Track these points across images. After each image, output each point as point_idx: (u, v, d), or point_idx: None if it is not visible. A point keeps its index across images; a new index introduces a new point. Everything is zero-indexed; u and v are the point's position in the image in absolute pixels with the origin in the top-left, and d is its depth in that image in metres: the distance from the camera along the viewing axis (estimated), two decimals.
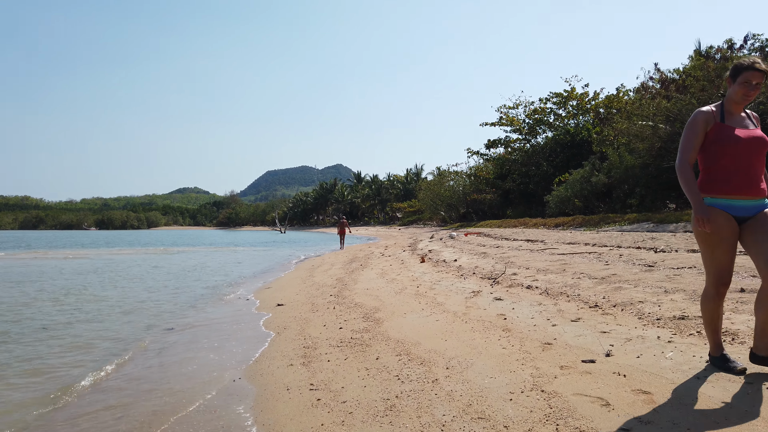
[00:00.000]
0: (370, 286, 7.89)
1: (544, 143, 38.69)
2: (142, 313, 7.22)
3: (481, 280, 7.06)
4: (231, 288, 10.04)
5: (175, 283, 11.10)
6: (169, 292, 9.65)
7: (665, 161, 22.25)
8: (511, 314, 4.77)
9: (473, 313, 5.00)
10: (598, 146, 29.62)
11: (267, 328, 5.65)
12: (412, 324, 4.89)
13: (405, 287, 7.33)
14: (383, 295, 6.83)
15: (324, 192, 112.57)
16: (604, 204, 26.91)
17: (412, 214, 71.94)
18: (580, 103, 37.69)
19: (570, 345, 3.59)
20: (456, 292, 6.35)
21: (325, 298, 7.20)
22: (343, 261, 14.21)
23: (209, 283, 10.93)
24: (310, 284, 9.32)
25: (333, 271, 11.43)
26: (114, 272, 13.66)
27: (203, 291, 9.61)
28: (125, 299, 8.60)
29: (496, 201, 42.91)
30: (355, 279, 9.11)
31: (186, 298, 8.70)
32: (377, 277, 9.13)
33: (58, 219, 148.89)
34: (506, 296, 5.65)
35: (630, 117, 24.37)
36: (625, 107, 25.99)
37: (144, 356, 4.73)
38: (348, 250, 20.29)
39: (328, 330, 5.05)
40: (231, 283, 11.10)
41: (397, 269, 9.93)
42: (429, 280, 7.80)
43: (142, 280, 11.63)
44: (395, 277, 8.78)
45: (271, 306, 7.16)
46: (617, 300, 4.70)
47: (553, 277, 6.31)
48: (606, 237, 11.63)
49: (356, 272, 10.30)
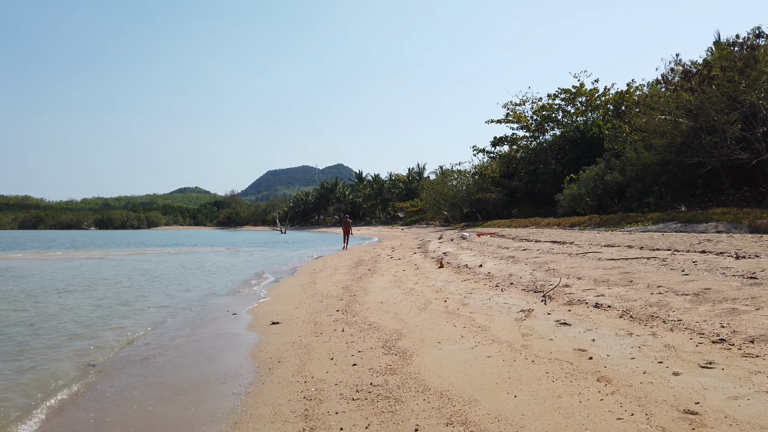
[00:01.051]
0: (385, 299, 6.53)
1: (553, 140, 37.32)
2: (84, 334, 5.83)
3: (525, 293, 5.70)
4: (218, 298, 8.68)
5: (156, 290, 9.74)
6: (142, 303, 8.28)
7: (687, 157, 20.88)
8: (596, 350, 3.41)
9: (537, 346, 3.64)
10: (610, 143, 28.26)
11: (255, 360, 4.28)
12: (453, 361, 3.53)
13: (429, 301, 5.96)
14: (404, 312, 5.47)
15: (325, 192, 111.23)
16: (618, 203, 25.55)
17: (414, 214, 70.73)
18: (590, 99, 36.27)
19: (734, 419, 2.23)
20: (499, 310, 4.99)
21: (330, 314, 5.85)
22: (348, 264, 12.86)
23: (195, 292, 9.56)
24: (311, 294, 7.96)
25: (338, 276, 10.07)
26: (82, 276, 12.29)
27: (184, 302, 8.24)
28: (68, 315, 7.22)
29: (501, 200, 41.55)
30: (365, 288, 7.75)
31: (158, 314, 7.32)
32: (391, 285, 7.76)
33: (57, 219, 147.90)
34: (572, 319, 4.28)
35: (649, 111, 23.00)
36: (643, 101, 24.58)
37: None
38: (352, 252, 18.92)
39: (338, 367, 3.70)
40: (220, 291, 9.74)
41: (413, 276, 8.57)
42: (456, 292, 6.44)
43: (114, 286, 10.25)
44: (413, 286, 7.41)
45: (265, 324, 5.80)
46: (748, 330, 3.34)
47: (623, 292, 4.95)
48: (646, 238, 10.28)
49: (365, 279, 8.94)
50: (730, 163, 20.26)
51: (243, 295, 9.01)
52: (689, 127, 21.14)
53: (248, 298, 8.50)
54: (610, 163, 26.29)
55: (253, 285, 10.50)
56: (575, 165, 34.03)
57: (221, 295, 9.17)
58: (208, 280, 11.70)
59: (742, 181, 21.01)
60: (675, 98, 21.72)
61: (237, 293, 9.27)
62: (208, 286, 10.53)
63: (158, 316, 6.98)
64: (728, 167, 20.59)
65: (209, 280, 11.70)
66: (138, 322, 6.54)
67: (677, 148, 21.64)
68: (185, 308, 7.69)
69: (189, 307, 7.76)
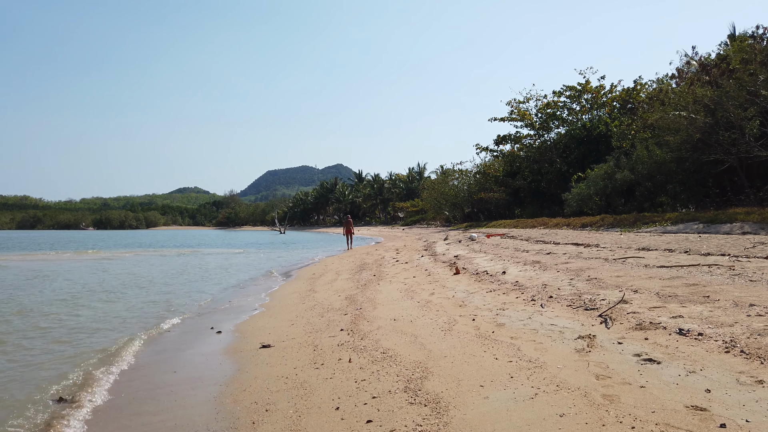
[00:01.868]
0: (398, 315, 5.47)
1: (558, 139, 36.33)
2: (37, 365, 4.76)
3: (573, 311, 4.62)
4: (204, 309, 7.61)
5: (137, 299, 8.66)
6: (109, 323, 7.21)
7: (704, 154, 19.88)
8: (721, 409, 2.34)
9: (628, 399, 2.57)
10: (618, 141, 27.26)
11: (236, 404, 3.22)
12: (511, 422, 2.48)
13: (453, 319, 4.89)
14: (424, 335, 4.42)
15: (324, 191, 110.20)
16: (626, 203, 24.57)
17: (414, 214, 69.89)
18: (596, 96, 35.23)
19: None
20: (548, 335, 3.93)
21: (333, 335, 4.80)
22: (351, 268, 11.80)
23: (178, 301, 8.48)
24: (311, 305, 6.91)
25: (340, 283, 9.02)
26: (49, 281, 11.21)
27: (154, 318, 7.15)
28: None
29: (503, 200, 40.56)
30: (372, 299, 6.69)
31: (116, 331, 6.25)
32: (402, 296, 6.70)
33: (55, 219, 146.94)
34: (656, 352, 3.21)
35: (661, 107, 21.97)
36: (657, 96, 23.54)
37: None
38: (353, 254, 17.87)
39: (347, 424, 2.66)
40: (206, 300, 8.67)
41: (426, 284, 7.51)
42: (484, 306, 5.38)
43: (86, 296, 9.17)
44: (429, 297, 6.35)
45: (253, 347, 4.75)
46: None
47: (705, 312, 3.88)
48: (680, 240, 9.24)
49: (371, 287, 7.88)
50: (749, 161, 19.28)
51: (233, 306, 7.95)
52: (706, 122, 20.15)
53: (238, 310, 7.44)
54: (620, 161, 25.30)
55: (246, 293, 9.44)
56: (581, 164, 33.08)
57: (208, 305, 8.11)
58: (198, 287, 10.64)
59: (760, 179, 20.02)
60: (691, 93, 20.72)
61: (225, 304, 8.21)
62: (196, 295, 9.47)
63: (131, 331, 5.92)
64: (747, 165, 19.61)
65: (199, 287, 10.64)
66: (100, 342, 5.48)
67: (693, 145, 20.65)
68: (164, 322, 6.65)
69: (170, 323, 6.72)
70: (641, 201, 23.84)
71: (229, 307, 7.79)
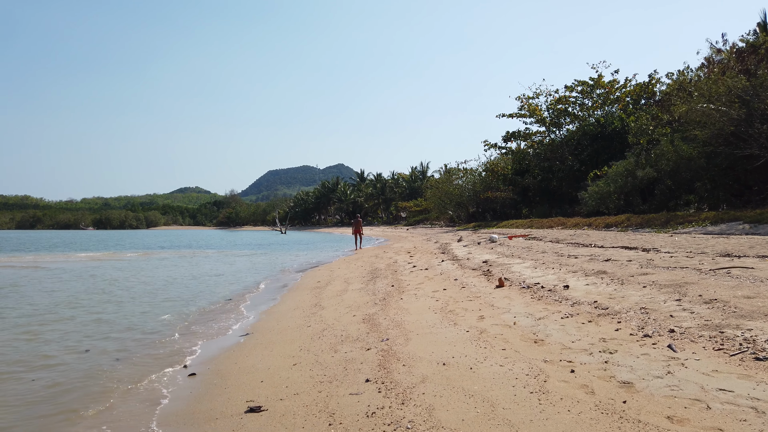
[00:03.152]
0: (446, 354, 3.90)
1: (570, 135, 34.77)
2: None
3: (734, 359, 2.99)
4: (183, 332, 6.11)
5: (109, 314, 7.17)
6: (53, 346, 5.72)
7: (738, 149, 18.38)
8: None
9: None
10: (635, 137, 25.75)
11: None
12: None
13: (539, 371, 3.28)
14: (504, 400, 2.86)
15: (326, 191, 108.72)
16: (645, 201, 23.10)
17: (418, 214, 68.66)
18: (609, 91, 33.65)
19: None
20: (731, 415, 2.38)
21: (355, 390, 3.30)
22: (361, 275, 10.32)
23: (155, 315, 7.00)
24: (318, 329, 5.44)
25: (352, 295, 7.53)
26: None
27: (131, 338, 5.66)
28: None
29: (509, 200, 39.05)
30: (400, 322, 5.19)
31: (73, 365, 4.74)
32: (440, 319, 5.19)
33: (55, 218, 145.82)
34: None
35: (692, 98, 20.46)
36: (685, 87, 22.01)
37: None
38: (361, 256, 16.39)
39: None
40: (189, 316, 7.17)
41: (465, 300, 6.00)
42: (571, 344, 3.76)
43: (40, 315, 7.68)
44: (479, 323, 4.81)
45: (235, 410, 3.26)
46: None
47: None
48: (759, 243, 7.74)
49: (393, 302, 6.38)
50: None
51: (217, 325, 6.46)
52: (740, 114, 18.63)
53: (221, 333, 5.94)
54: (641, 157, 23.78)
55: (237, 307, 7.94)
56: (594, 161, 31.64)
57: (187, 323, 6.61)
58: (183, 297, 9.15)
59: None
60: (723, 83, 19.16)
61: (210, 322, 6.70)
62: (180, 306, 7.98)
63: (69, 362, 4.43)
64: None
65: (184, 297, 9.15)
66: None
67: (725, 139, 19.16)
68: (122, 350, 5.16)
69: (126, 349, 5.23)
70: (662, 199, 22.39)
71: (214, 330, 6.29)
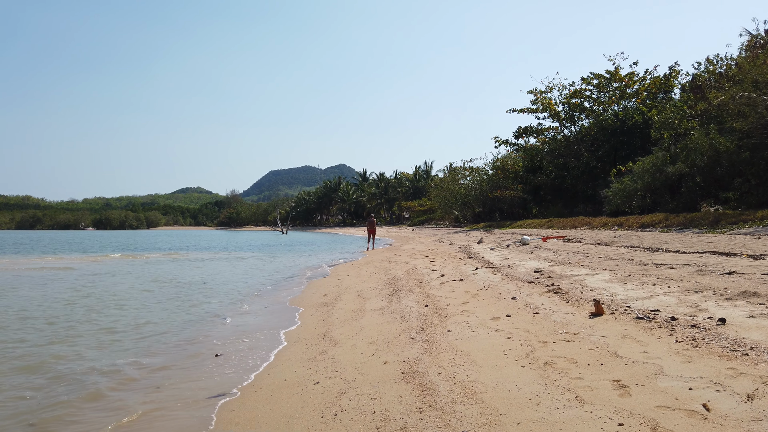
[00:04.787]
0: None
1: (585, 130, 32.86)
2: None
3: None
4: (130, 387, 4.34)
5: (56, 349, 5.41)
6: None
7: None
8: None
9: None
10: (657, 132, 23.92)
11: None
12: None
13: None
14: None
15: (328, 191, 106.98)
16: (672, 199, 21.27)
17: (422, 214, 67.12)
18: (627, 84, 31.72)
19: None
20: None
21: None
22: (377, 285, 8.51)
23: (109, 352, 5.23)
24: (330, 394, 3.46)
25: (372, 318, 5.71)
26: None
27: (64, 388, 3.87)
28: None
29: (518, 199, 37.17)
30: (468, 386, 3.15)
31: None
32: (539, 382, 3.07)
33: (55, 219, 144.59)
34: None
35: (734, 83, 18.62)
36: (729, 72, 20.12)
37: None
38: (371, 259, 14.61)
39: None
40: (151, 360, 5.39)
41: (553, 337, 4.00)
42: None
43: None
44: (629, 404, 2.86)
45: None
46: None
47: None
48: None
49: (437, 336, 4.44)
50: None
51: (187, 378, 4.67)
52: None
53: (195, 397, 4.15)
54: (670, 151, 21.90)
55: (214, 361, 6.14)
56: (611, 158, 29.83)
57: (141, 377, 4.83)
58: (155, 320, 7.38)
59: None
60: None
61: (184, 370, 4.91)
62: (141, 340, 6.19)
63: None
64: None
65: (155, 321, 7.37)
66: None
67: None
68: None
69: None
70: (691, 197, 20.57)
71: (183, 381, 4.46)
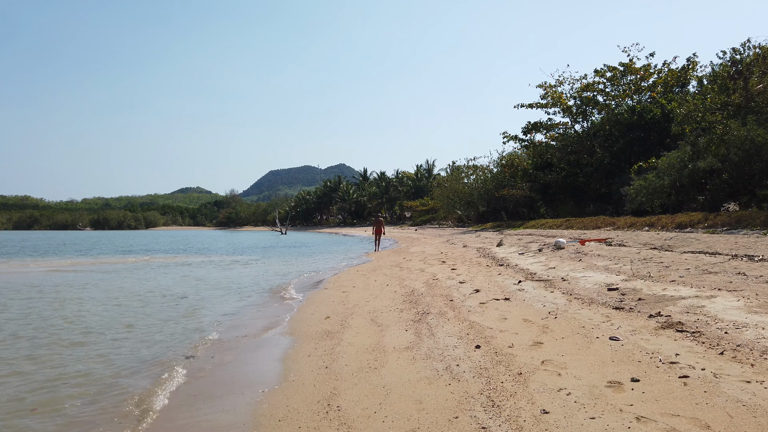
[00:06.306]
0: None
1: (599, 125, 31.08)
2: None
3: None
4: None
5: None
6: None
7: None
8: None
9: None
10: (679, 125, 22.18)
11: None
12: None
13: None
14: None
15: (328, 191, 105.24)
16: (702, 196, 19.59)
17: (424, 213, 65.63)
18: (643, 77, 29.91)
19: None
20: None
21: None
22: (394, 305, 6.74)
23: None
24: None
25: (398, 368, 3.74)
26: None
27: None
28: None
29: (524, 198, 35.37)
30: None
31: None
32: None
33: (53, 219, 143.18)
34: None
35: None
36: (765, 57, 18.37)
37: None
38: (379, 264, 12.90)
39: None
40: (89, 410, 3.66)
41: None
42: None
43: None
44: None
45: None
46: None
47: None
48: None
49: (531, 427, 2.77)
50: None
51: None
52: None
53: None
54: (698, 145, 20.15)
55: (189, 401, 4.43)
56: (626, 154, 28.15)
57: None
58: (104, 353, 5.65)
59: None
60: None
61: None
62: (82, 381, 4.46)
63: None
64: None
65: (104, 353, 5.64)
66: None
67: None
68: None
69: None
70: (719, 195, 18.85)
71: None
